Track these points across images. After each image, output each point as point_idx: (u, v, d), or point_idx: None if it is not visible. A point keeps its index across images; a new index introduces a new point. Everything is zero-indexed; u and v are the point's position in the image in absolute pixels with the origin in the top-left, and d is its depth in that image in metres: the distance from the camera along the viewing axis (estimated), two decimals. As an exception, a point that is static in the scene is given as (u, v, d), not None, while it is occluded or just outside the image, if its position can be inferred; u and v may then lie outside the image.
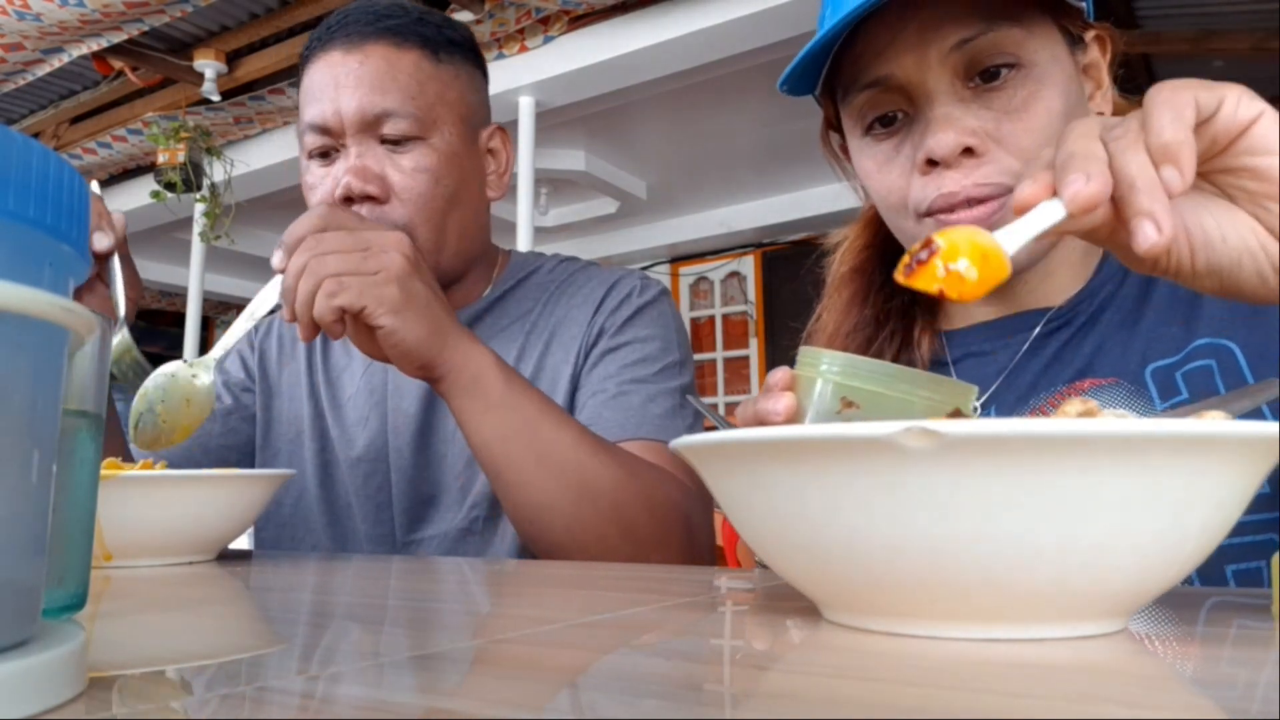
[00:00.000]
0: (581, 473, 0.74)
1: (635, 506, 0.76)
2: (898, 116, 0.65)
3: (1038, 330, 0.68)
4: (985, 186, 0.61)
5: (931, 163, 0.62)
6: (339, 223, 0.72)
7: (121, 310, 0.80)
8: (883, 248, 0.77)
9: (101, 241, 0.78)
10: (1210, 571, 0.59)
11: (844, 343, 0.75)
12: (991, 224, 0.61)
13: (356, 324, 0.71)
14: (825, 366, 0.48)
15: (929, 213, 0.63)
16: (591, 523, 0.74)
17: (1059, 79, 0.63)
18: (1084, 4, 0.64)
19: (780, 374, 0.50)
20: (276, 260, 0.71)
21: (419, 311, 0.71)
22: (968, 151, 0.61)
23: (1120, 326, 0.66)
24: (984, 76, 0.62)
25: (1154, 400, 0.62)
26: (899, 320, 0.75)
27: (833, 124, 0.74)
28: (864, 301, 0.76)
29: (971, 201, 0.62)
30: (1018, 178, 0.60)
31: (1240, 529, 0.58)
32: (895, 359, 0.73)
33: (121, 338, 0.80)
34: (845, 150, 0.74)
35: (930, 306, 0.76)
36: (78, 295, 0.80)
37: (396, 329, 0.69)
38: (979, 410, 0.68)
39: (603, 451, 0.76)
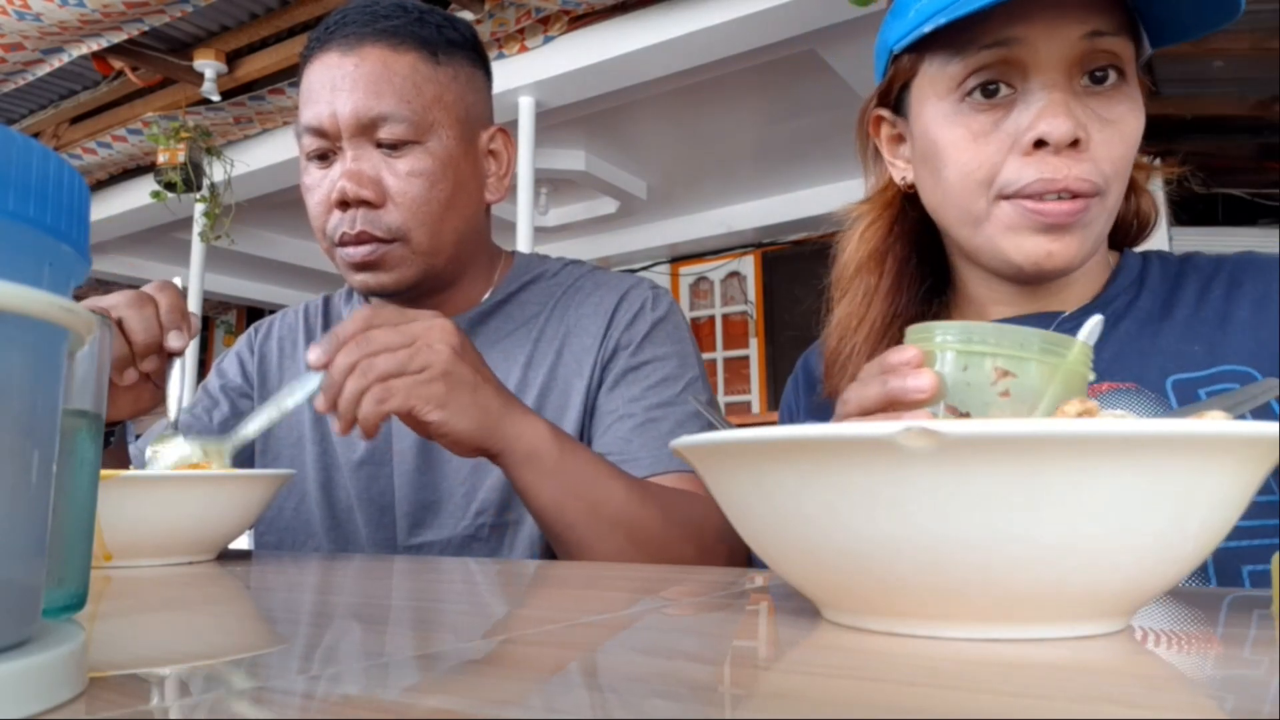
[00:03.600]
0: (632, 524, 0.76)
1: (683, 546, 0.78)
2: (1000, 89, 0.62)
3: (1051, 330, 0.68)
4: (1085, 182, 0.61)
5: (1038, 145, 0.61)
6: (384, 319, 0.70)
7: (173, 413, 0.77)
8: (909, 232, 0.74)
9: (177, 341, 0.76)
10: (1226, 572, 0.59)
11: (868, 337, 0.72)
12: (1079, 221, 0.61)
13: (408, 416, 0.70)
14: (966, 337, 0.46)
15: (1016, 195, 0.62)
16: None
17: (1139, 102, 0.64)
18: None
19: (912, 352, 0.48)
20: (314, 357, 0.68)
21: (466, 401, 0.69)
22: (1074, 144, 0.60)
23: (1137, 337, 0.66)
24: (1092, 78, 0.62)
25: (1173, 408, 0.62)
26: (925, 316, 0.73)
27: (884, 97, 0.72)
28: (889, 292, 0.73)
29: (1069, 193, 0.61)
30: (1107, 182, 0.61)
31: (1257, 533, 0.58)
32: None
33: (179, 447, 0.74)
34: (876, 125, 0.73)
35: (948, 302, 0.75)
36: (129, 391, 0.77)
37: (445, 421, 0.68)
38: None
39: (649, 499, 0.77)
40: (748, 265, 5.22)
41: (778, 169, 4.36)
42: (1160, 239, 3.55)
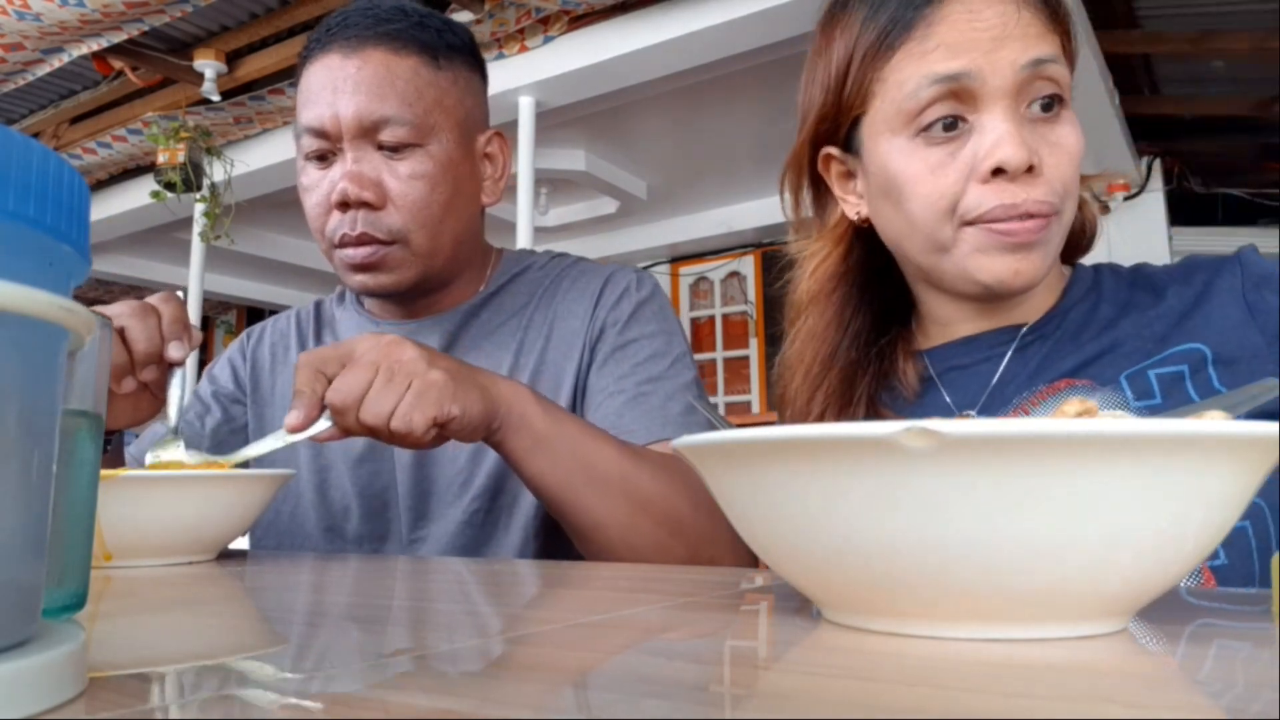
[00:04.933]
0: (627, 485, 0.75)
1: (683, 508, 0.77)
2: (958, 123, 0.65)
3: (1016, 343, 0.71)
4: (1043, 204, 0.63)
5: (996, 173, 0.63)
6: (335, 359, 0.69)
7: (174, 420, 0.77)
8: (857, 268, 0.76)
9: (178, 352, 0.76)
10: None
11: (821, 372, 0.74)
12: (1040, 239, 0.64)
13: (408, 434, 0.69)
14: None
15: (979, 220, 0.64)
16: (646, 531, 0.76)
17: (1077, 122, 0.67)
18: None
19: None
20: (292, 420, 0.68)
21: (467, 385, 0.70)
22: (1029, 169, 0.63)
23: (1099, 340, 0.69)
24: (1039, 105, 0.64)
25: (1128, 400, 0.65)
26: (878, 344, 0.75)
27: (831, 136, 0.72)
28: (839, 324, 0.74)
29: (1029, 215, 0.63)
30: (1061, 201, 0.64)
31: None
32: (877, 387, 0.74)
33: (180, 456, 0.74)
34: (826, 163, 0.74)
35: (908, 329, 0.77)
36: (128, 400, 0.77)
37: (464, 410, 0.69)
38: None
39: (643, 461, 0.77)
40: (748, 265, 5.22)
41: (778, 169, 4.34)
42: (1160, 239, 3.54)
